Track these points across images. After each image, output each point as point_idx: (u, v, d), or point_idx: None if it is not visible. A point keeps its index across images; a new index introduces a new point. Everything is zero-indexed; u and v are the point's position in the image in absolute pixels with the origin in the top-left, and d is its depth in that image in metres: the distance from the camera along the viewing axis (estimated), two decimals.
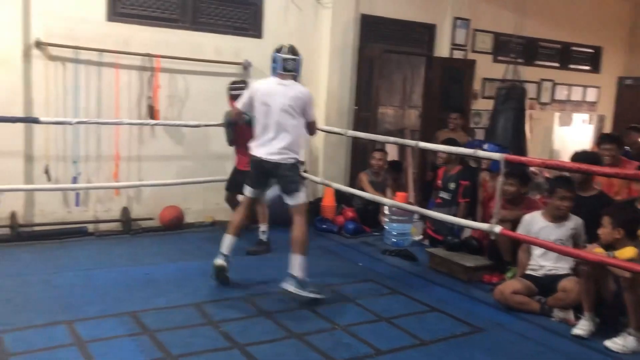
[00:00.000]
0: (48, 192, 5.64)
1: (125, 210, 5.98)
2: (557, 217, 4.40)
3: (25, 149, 5.46)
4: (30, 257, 4.98)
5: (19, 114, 5.29)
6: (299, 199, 4.40)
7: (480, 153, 4.68)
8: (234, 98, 5.21)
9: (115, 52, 5.74)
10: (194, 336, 3.59)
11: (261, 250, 5.41)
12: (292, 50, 4.50)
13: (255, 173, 4.55)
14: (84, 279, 4.51)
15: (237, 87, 5.48)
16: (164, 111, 6.10)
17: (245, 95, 4.56)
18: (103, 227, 5.92)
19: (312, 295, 4.20)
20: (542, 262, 4.43)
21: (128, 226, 5.90)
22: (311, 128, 4.63)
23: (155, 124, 5.92)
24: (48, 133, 5.55)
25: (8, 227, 5.34)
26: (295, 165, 4.41)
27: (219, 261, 4.47)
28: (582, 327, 3.92)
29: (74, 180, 5.71)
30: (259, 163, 4.43)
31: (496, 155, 4.41)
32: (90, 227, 5.82)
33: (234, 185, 5.76)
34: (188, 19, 6.19)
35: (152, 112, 5.98)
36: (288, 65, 4.42)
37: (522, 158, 4.44)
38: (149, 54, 5.90)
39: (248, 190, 4.63)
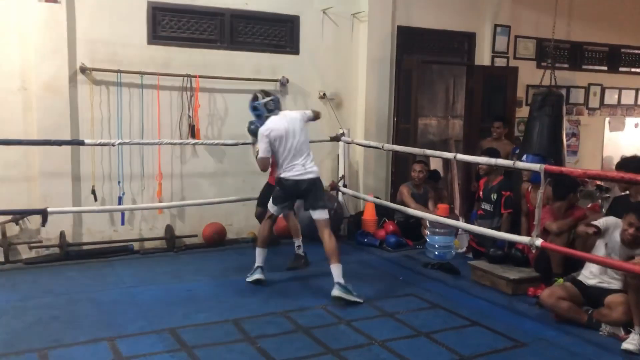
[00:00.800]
0: (95, 212, 5.83)
1: (169, 228, 6.11)
2: (625, 243, 4.08)
3: (72, 171, 5.68)
4: (77, 275, 5.14)
5: (66, 137, 5.51)
6: (325, 213, 4.78)
7: (519, 164, 4.55)
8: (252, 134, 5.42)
9: (156, 74, 5.92)
10: (230, 352, 3.62)
11: (300, 264, 5.43)
12: (266, 93, 4.98)
13: (286, 194, 4.87)
14: (127, 296, 4.63)
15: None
16: (204, 130, 6.23)
17: (263, 143, 4.77)
18: (148, 244, 6.07)
19: (356, 299, 4.50)
20: (595, 271, 4.25)
21: (172, 243, 6.03)
22: (316, 113, 5.20)
23: (195, 143, 6.04)
24: (94, 155, 5.76)
25: (57, 246, 5.54)
26: (320, 181, 4.88)
27: (258, 276, 4.85)
28: (632, 342, 3.73)
29: (119, 200, 5.89)
30: (292, 185, 4.77)
31: (535, 166, 4.29)
32: (136, 245, 5.99)
33: (266, 200, 5.81)
34: (226, 39, 6.32)
35: (193, 131, 6.12)
36: (270, 106, 4.88)
37: (563, 169, 4.27)
38: (189, 74, 6.05)
39: (274, 209, 4.94)
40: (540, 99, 6.58)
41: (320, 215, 4.73)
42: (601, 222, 4.27)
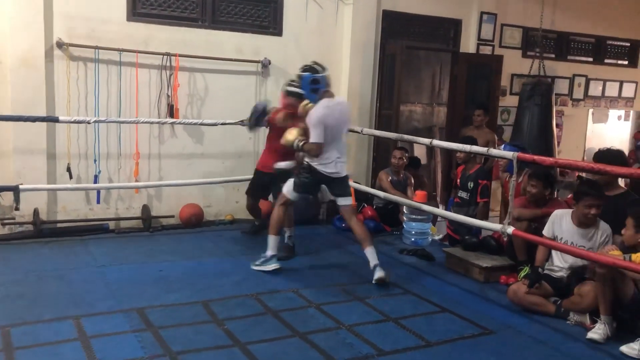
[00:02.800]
0: (70, 190, 5.77)
1: (146, 208, 6.05)
2: (584, 224, 4.21)
3: (47, 148, 5.59)
4: (49, 253, 5.09)
5: (42, 113, 5.41)
6: (350, 199, 4.91)
7: (493, 152, 4.55)
8: (288, 94, 5.17)
9: (135, 51, 5.82)
10: (197, 333, 3.60)
11: (289, 255, 5.28)
12: (323, 66, 4.74)
13: (313, 183, 4.80)
14: (98, 275, 4.59)
15: (294, 85, 5.13)
16: (183, 110, 6.16)
17: (318, 125, 4.55)
18: (124, 224, 6.02)
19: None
20: (558, 263, 4.29)
21: (148, 223, 5.98)
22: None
23: (173, 123, 5.97)
24: (69, 132, 5.67)
25: (31, 223, 5.48)
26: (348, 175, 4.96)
27: (276, 265, 4.79)
28: (597, 331, 3.76)
29: (95, 178, 5.82)
30: (323, 177, 4.72)
31: (508, 154, 4.28)
32: (112, 225, 5.93)
33: (258, 191, 5.78)
34: (207, 17, 6.23)
35: (172, 111, 6.05)
36: (329, 80, 4.72)
37: (535, 157, 4.26)
38: (169, 53, 5.96)
39: (293, 195, 4.84)
40: (530, 88, 6.60)
41: (343, 201, 4.81)
42: (549, 223, 4.37)
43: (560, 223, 4.33)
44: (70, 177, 5.69)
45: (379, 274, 4.56)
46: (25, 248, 5.20)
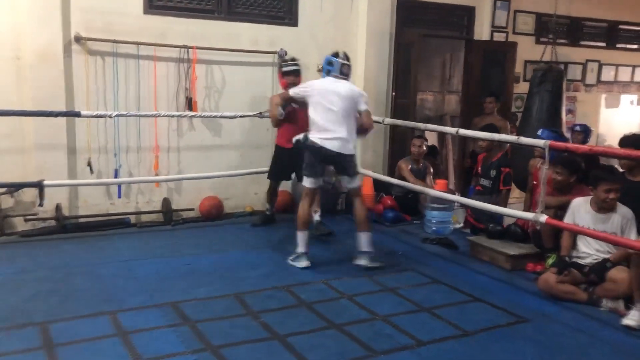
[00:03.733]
0: (91, 185, 5.75)
1: (166, 201, 6.05)
2: (603, 209, 4.22)
3: (68, 143, 5.57)
4: (74, 249, 5.09)
5: (61, 108, 5.38)
6: (358, 182, 4.94)
7: (523, 140, 4.52)
8: (285, 75, 5.66)
9: (153, 44, 5.78)
10: (234, 327, 3.60)
11: (331, 232, 5.70)
12: (347, 57, 4.89)
13: (316, 161, 4.79)
14: (126, 269, 4.59)
15: (288, 64, 5.77)
16: (201, 102, 6.13)
17: (301, 89, 4.93)
18: (145, 218, 6.01)
19: (379, 264, 4.75)
20: (585, 249, 4.29)
21: (169, 217, 5.97)
22: (367, 119, 4.87)
23: (192, 116, 5.94)
24: (89, 127, 5.65)
25: (53, 219, 5.47)
26: (353, 155, 4.85)
27: (306, 263, 4.75)
28: (633, 318, 3.76)
29: (115, 173, 5.81)
30: (326, 153, 4.71)
31: (540, 142, 4.26)
32: (133, 219, 5.93)
33: (278, 169, 5.88)
34: (223, 9, 6.18)
35: (190, 104, 6.02)
36: (344, 69, 4.81)
37: (569, 145, 4.24)
38: (186, 45, 5.93)
39: (309, 182, 4.84)
40: (541, 74, 6.54)
41: (350, 183, 4.90)
42: (569, 213, 4.39)
43: (580, 211, 4.34)
44: (92, 172, 5.69)
45: (362, 261, 4.75)
46: (50, 244, 5.20)
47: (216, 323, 3.65)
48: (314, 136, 4.73)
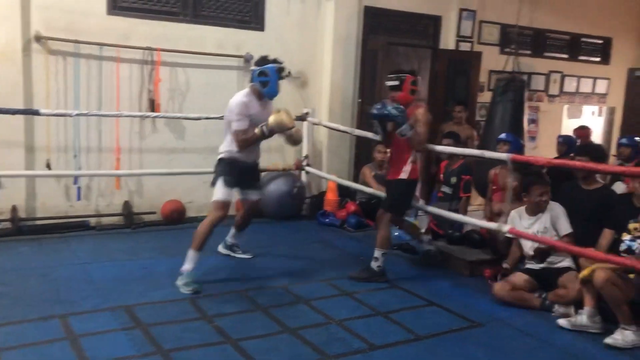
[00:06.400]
0: (50, 186, 5.67)
1: (127, 204, 5.97)
2: (537, 212, 4.39)
3: (26, 141, 5.48)
4: (30, 251, 4.99)
5: (20, 106, 5.30)
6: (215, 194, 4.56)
7: (487, 154, 4.61)
8: (393, 89, 4.68)
9: (116, 45, 5.73)
10: (186, 330, 3.57)
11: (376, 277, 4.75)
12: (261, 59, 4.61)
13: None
14: (81, 272, 4.51)
15: (394, 78, 4.69)
16: (164, 104, 6.09)
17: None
18: (105, 221, 5.93)
19: (187, 291, 4.18)
20: (530, 253, 4.38)
21: (130, 220, 5.90)
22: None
23: (155, 117, 5.89)
24: (49, 126, 5.56)
25: (9, 220, 5.36)
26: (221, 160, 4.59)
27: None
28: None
29: None
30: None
31: (503, 156, 4.35)
32: (92, 221, 5.84)
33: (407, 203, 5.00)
34: (189, 12, 6.16)
35: (153, 106, 5.97)
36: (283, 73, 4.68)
37: (530, 158, 4.38)
38: (150, 47, 5.88)
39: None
40: (504, 84, 6.66)
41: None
42: (510, 223, 4.43)
43: (519, 219, 4.46)
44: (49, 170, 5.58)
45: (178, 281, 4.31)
46: (4, 246, 5.08)
47: (169, 327, 3.61)
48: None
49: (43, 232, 5.48)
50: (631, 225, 3.97)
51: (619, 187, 5.20)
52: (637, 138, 6.35)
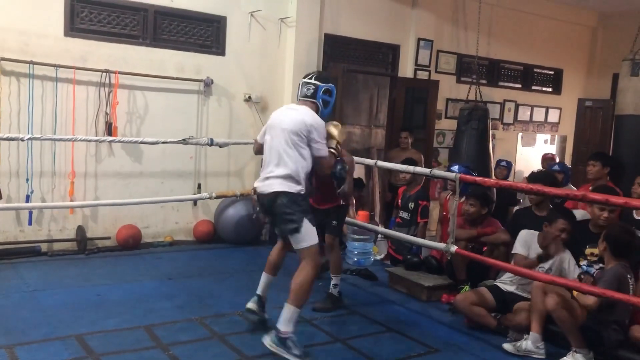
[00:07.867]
0: None
1: (81, 229, 5.82)
2: (547, 247, 4.24)
3: None
4: None
5: None
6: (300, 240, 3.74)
7: (436, 172, 4.69)
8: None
9: (73, 67, 5.64)
10: (140, 359, 3.47)
11: (329, 306, 4.65)
12: (312, 76, 4.03)
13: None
14: (30, 300, 4.36)
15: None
16: (122, 128, 6.00)
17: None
18: (57, 246, 5.76)
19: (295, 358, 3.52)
20: (509, 276, 4.43)
21: (83, 246, 5.75)
22: (321, 163, 3.85)
23: (112, 141, 5.80)
24: (0, 149, 5.40)
25: None
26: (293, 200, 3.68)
27: None
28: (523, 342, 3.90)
29: (27, 198, 5.55)
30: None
31: (451, 175, 4.42)
32: (44, 247, 5.66)
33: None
34: (149, 35, 6.12)
35: (110, 129, 5.88)
36: (304, 89, 3.96)
37: (477, 178, 4.44)
38: (108, 70, 5.81)
39: None
40: (467, 113, 6.85)
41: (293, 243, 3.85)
42: (521, 240, 4.36)
43: (533, 242, 4.33)
44: (0, 197, 5.40)
45: (267, 339, 3.66)
46: None
47: (123, 356, 3.51)
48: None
49: None
50: (587, 251, 4.08)
51: (579, 213, 5.32)
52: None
